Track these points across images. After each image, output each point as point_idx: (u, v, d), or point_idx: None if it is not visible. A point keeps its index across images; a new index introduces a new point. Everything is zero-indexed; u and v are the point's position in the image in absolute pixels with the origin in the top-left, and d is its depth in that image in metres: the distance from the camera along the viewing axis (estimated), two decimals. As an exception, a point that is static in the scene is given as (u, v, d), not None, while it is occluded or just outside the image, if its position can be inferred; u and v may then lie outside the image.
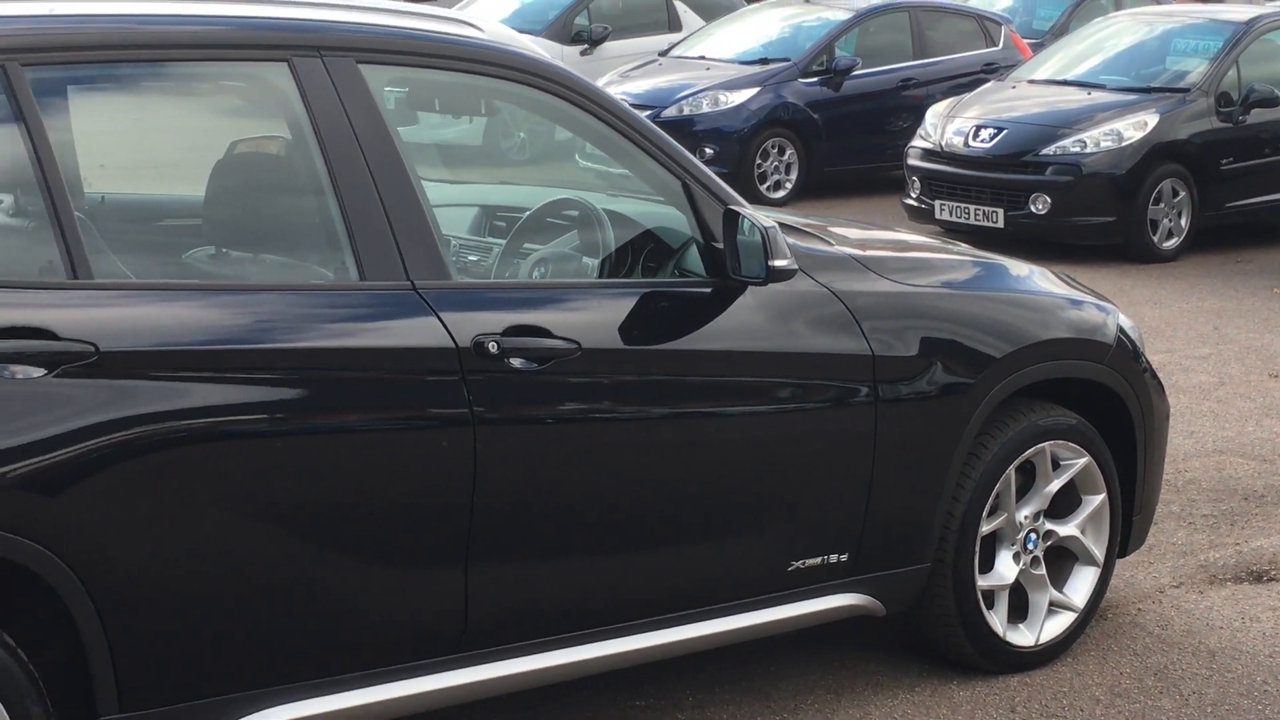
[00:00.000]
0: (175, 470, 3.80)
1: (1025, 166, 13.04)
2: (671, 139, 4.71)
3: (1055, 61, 14.54)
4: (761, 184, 15.19)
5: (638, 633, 4.60)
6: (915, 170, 13.73)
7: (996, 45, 17.20)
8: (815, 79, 15.86)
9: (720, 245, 4.64)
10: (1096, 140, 12.84)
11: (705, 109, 15.36)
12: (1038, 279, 5.49)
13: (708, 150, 14.93)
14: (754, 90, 15.41)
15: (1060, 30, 20.41)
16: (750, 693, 5.22)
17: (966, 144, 13.48)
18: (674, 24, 19.36)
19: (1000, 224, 12.93)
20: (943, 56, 16.80)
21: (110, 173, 4.28)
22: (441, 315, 4.16)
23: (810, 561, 4.86)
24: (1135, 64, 13.99)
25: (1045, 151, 13.03)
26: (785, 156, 15.54)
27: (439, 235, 4.28)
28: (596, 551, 4.48)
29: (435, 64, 4.42)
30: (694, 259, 4.79)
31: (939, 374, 4.94)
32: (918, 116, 14.69)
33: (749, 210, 4.60)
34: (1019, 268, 5.51)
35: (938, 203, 13.32)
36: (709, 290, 4.68)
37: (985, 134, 13.41)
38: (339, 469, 4.05)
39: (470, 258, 5.01)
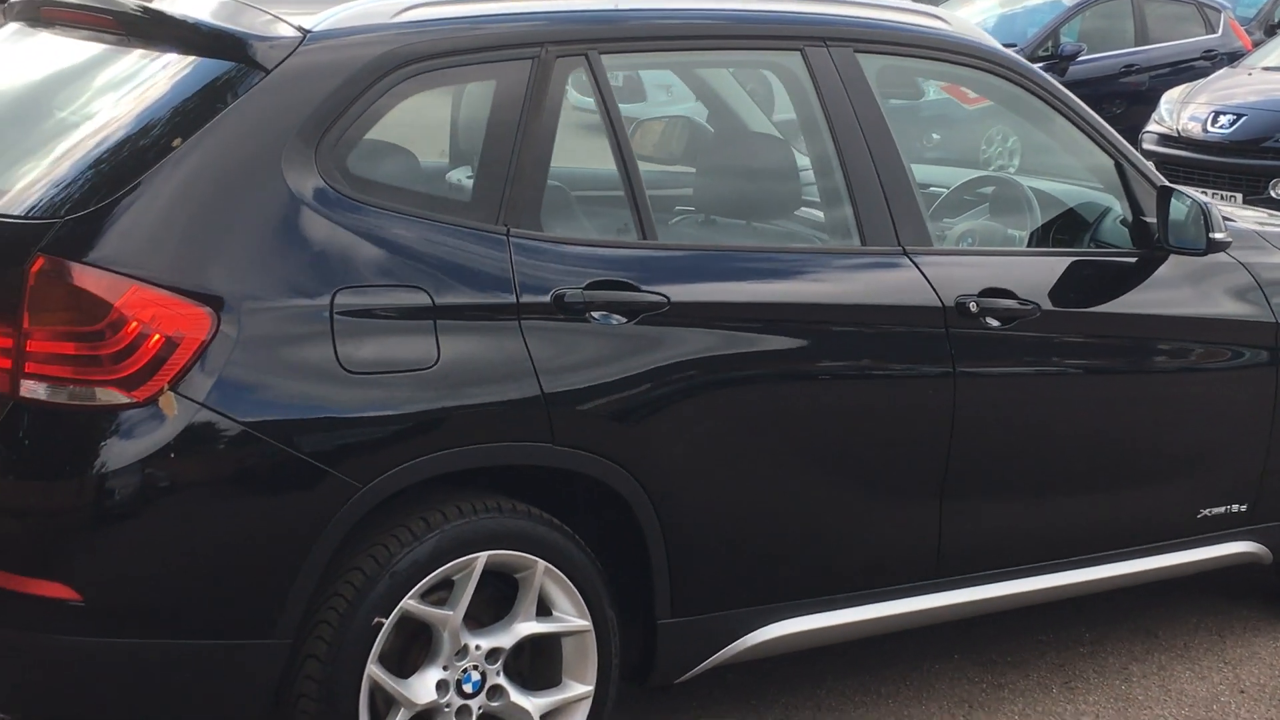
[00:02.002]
0: (722, 406, 4.33)
1: (1265, 152, 13.32)
2: (1107, 125, 5.20)
3: (1287, 51, 14.81)
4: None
5: (1071, 569, 5.10)
6: (1151, 155, 14.03)
7: (1216, 32, 17.46)
8: (1041, 64, 16.20)
9: (1149, 219, 5.11)
10: (1336, 126, 13.12)
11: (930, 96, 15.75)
12: None
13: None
14: (982, 75, 15.77)
15: (1266, 18, 20.58)
16: (1139, 632, 5.69)
17: (1204, 129, 13.79)
18: None
19: (1239, 209, 13.24)
20: (1163, 43, 17.07)
21: (658, 148, 4.83)
22: (929, 277, 4.67)
23: (1215, 510, 5.33)
24: (1371, 52, 14.23)
25: (1286, 138, 13.31)
26: (1009, 144, 15.90)
27: (923, 206, 4.79)
28: (1044, 493, 4.98)
29: (915, 53, 4.94)
30: (1108, 231, 5.28)
31: None
32: (1137, 102, 15.00)
33: (1182, 188, 5.08)
34: None
35: (1175, 187, 13.62)
36: (1135, 260, 5.16)
37: (1224, 120, 13.70)
38: (842, 411, 4.57)
39: None
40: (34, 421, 3.73)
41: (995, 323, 4.76)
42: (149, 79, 4.14)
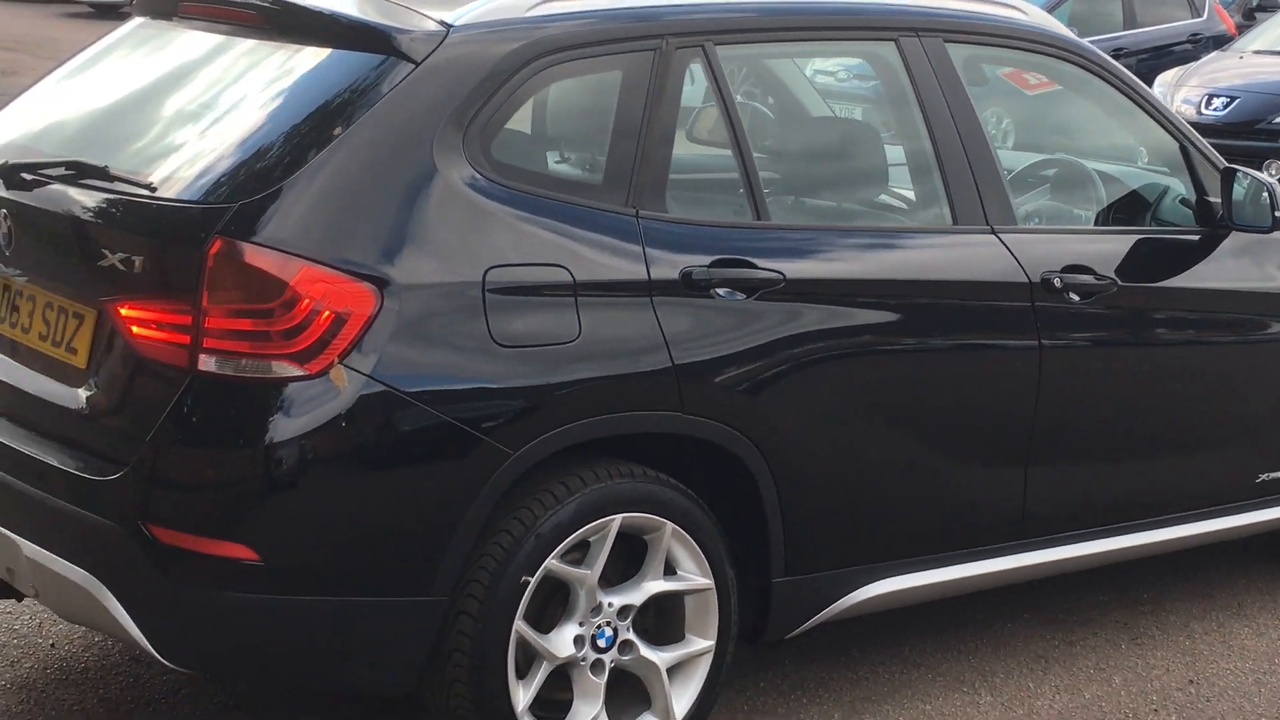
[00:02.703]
0: (831, 376, 4.59)
1: (1258, 134, 13.67)
2: (1171, 109, 5.48)
3: (1276, 34, 15.15)
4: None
5: (1140, 531, 5.39)
6: (1146, 137, 14.35)
7: (1201, 16, 17.81)
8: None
9: (1212, 199, 5.40)
10: (1330, 108, 13.46)
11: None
12: None
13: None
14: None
15: (1244, 1, 20.93)
16: (1195, 592, 5.99)
17: (1198, 112, 14.13)
18: None
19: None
20: (1150, 26, 17.41)
21: (768, 132, 5.08)
22: (1015, 254, 4.94)
23: (1274, 475, 5.63)
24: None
25: (1279, 120, 13.64)
26: (1003, 126, 16.19)
27: (1008, 187, 5.07)
28: (1118, 458, 5.27)
29: (998, 42, 5.21)
30: (1167, 210, 5.57)
31: None
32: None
33: (1246, 169, 5.36)
34: None
35: (1170, 168, 13.96)
36: (1199, 237, 5.44)
37: (1217, 102, 14.06)
38: (938, 380, 4.84)
39: None
40: (212, 394, 3.97)
41: (1076, 297, 5.03)
42: (296, 71, 4.37)
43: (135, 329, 4.05)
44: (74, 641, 5.20)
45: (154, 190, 4.12)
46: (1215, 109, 14.01)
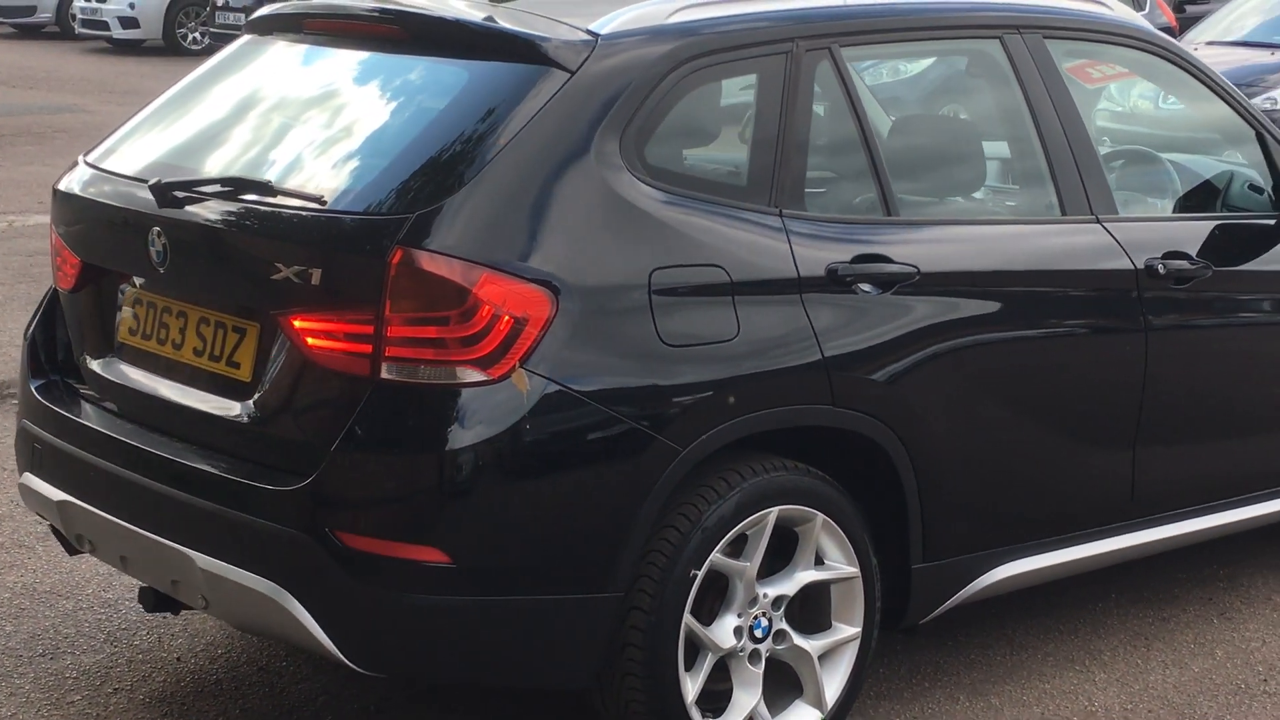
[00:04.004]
0: (963, 366, 4.72)
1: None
2: (1248, 100, 5.65)
3: (1225, 25, 15.43)
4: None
5: (1232, 509, 5.55)
6: (1105, 132, 14.59)
7: (1144, 9, 18.12)
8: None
9: None
10: (1287, 96, 13.72)
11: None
12: None
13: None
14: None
15: (1175, -5, 21.29)
16: (1268, 567, 6.17)
17: (1156, 106, 14.35)
18: None
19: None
20: (1094, 22, 17.66)
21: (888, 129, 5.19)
22: (1121, 242, 5.09)
23: None
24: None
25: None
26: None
27: (1108, 178, 5.21)
28: (1217, 438, 5.44)
29: (1091, 37, 5.37)
30: (1237, 196, 5.73)
31: None
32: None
33: None
34: None
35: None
36: (1274, 222, 5.61)
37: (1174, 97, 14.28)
38: (1054, 367, 4.98)
39: None
40: (395, 401, 4.04)
41: (1175, 282, 5.18)
42: (447, 82, 4.45)
43: (311, 340, 4.12)
44: (198, 655, 5.25)
45: (324, 203, 4.19)
46: (1173, 101, 14.22)
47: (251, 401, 4.27)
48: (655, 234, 4.25)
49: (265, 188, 4.30)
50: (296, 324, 4.13)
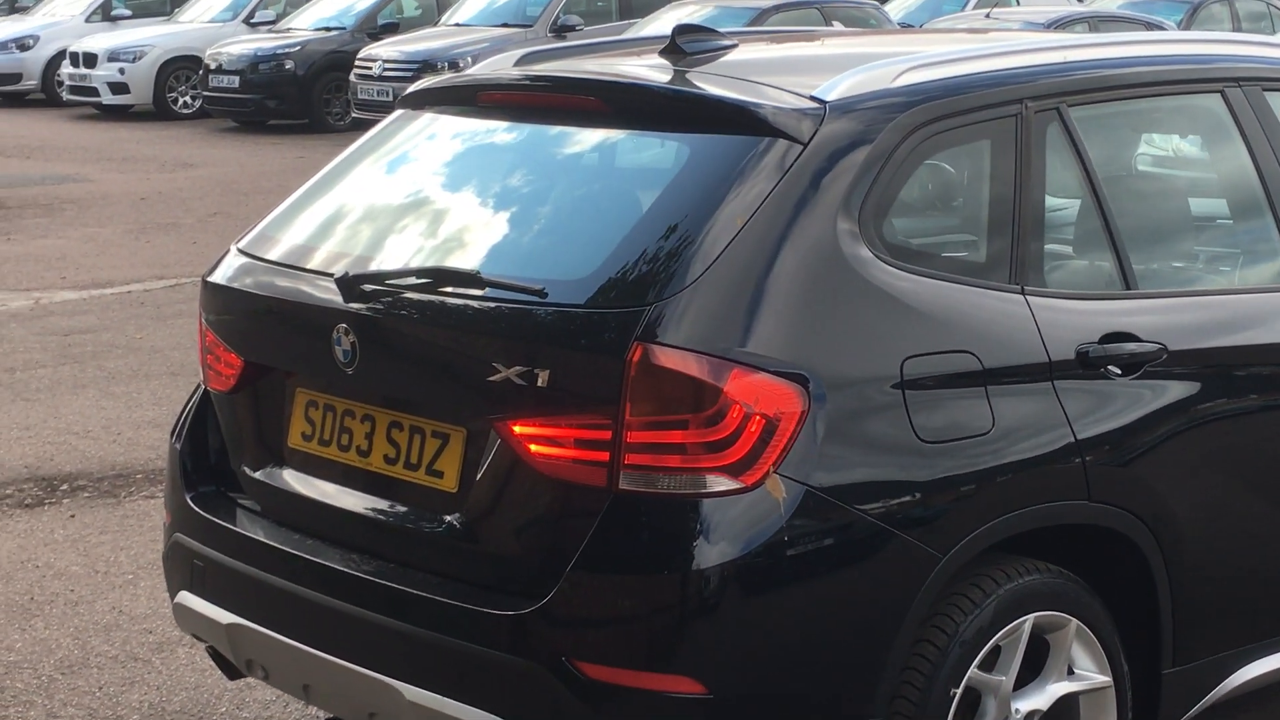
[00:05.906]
0: (1215, 451, 4.34)
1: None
2: None
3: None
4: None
5: None
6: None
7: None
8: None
9: None
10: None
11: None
12: None
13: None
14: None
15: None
16: None
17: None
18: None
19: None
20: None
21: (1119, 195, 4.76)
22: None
23: None
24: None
25: None
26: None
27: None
28: None
29: (1302, 88, 4.99)
30: None
31: None
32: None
33: None
34: None
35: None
36: None
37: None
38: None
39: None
40: (638, 514, 3.64)
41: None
42: (664, 157, 4.08)
43: (534, 447, 3.70)
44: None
45: (545, 295, 3.77)
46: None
47: (460, 514, 3.86)
48: (904, 319, 3.86)
49: (473, 279, 3.88)
50: (517, 430, 3.72)
